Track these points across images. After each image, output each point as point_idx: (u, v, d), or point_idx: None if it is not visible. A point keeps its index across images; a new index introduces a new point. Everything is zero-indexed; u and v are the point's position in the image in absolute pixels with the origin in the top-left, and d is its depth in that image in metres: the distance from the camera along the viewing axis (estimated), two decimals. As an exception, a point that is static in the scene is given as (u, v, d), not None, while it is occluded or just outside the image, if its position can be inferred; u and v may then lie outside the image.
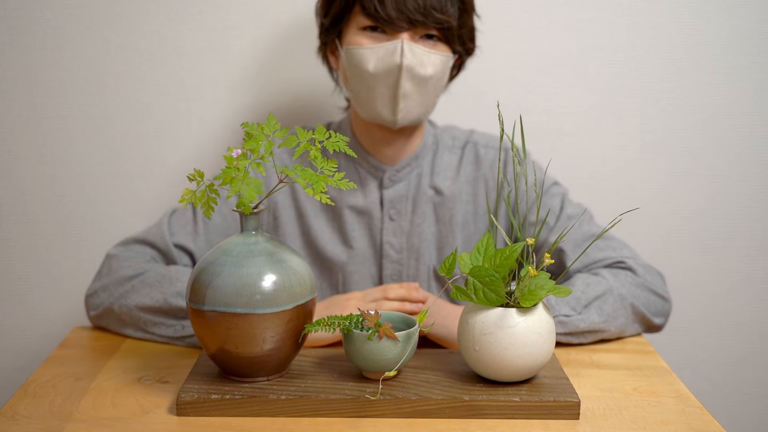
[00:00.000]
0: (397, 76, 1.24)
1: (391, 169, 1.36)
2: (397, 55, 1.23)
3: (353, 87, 1.30)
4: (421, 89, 1.26)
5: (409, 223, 1.37)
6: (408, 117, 1.28)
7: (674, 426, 0.99)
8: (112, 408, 1.01)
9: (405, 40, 1.23)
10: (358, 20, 1.26)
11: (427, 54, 1.25)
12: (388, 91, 1.25)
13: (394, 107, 1.26)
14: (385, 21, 1.23)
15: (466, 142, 1.41)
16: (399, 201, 1.36)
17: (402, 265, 1.37)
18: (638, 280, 1.26)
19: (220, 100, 1.57)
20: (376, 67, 1.24)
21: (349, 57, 1.27)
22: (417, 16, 1.22)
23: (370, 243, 1.37)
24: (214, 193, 0.98)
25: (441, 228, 1.38)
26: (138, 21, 1.53)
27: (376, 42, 1.25)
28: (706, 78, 1.60)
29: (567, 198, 1.37)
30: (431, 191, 1.37)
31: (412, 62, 1.23)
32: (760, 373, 1.73)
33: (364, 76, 1.26)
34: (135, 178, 1.59)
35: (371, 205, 1.36)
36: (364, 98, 1.28)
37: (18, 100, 1.55)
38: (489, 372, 1.01)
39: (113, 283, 1.23)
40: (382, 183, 1.36)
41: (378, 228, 1.36)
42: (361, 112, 1.31)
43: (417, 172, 1.37)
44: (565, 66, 1.59)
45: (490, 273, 0.98)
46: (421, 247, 1.37)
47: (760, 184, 1.65)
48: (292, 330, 1.00)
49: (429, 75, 1.26)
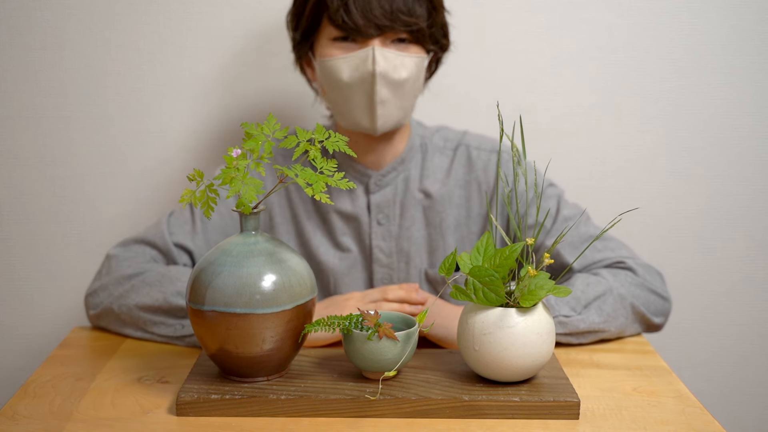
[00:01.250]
0: (371, 84, 1.23)
1: (377, 174, 1.36)
2: (369, 62, 1.22)
3: (330, 98, 1.30)
4: (397, 93, 1.26)
5: (397, 227, 1.37)
6: (388, 123, 1.28)
7: (674, 426, 0.99)
8: (112, 408, 1.01)
9: (376, 46, 1.23)
10: (328, 31, 1.26)
11: (400, 57, 1.24)
12: (365, 99, 1.25)
13: (372, 115, 1.26)
14: (353, 30, 1.22)
15: (459, 144, 1.40)
16: (386, 205, 1.36)
17: (392, 269, 1.37)
18: (638, 280, 1.26)
19: (220, 100, 1.57)
20: (350, 77, 1.24)
21: (323, 68, 1.27)
22: (384, 21, 1.22)
23: (359, 247, 1.37)
24: (213, 193, 0.98)
25: (431, 231, 1.38)
26: (138, 21, 1.53)
27: (348, 51, 1.25)
28: (706, 78, 1.60)
29: (563, 199, 1.37)
30: (420, 195, 1.37)
31: (385, 68, 1.23)
32: (760, 373, 1.73)
33: (339, 86, 1.26)
34: (135, 178, 1.59)
35: (359, 210, 1.36)
36: (342, 108, 1.28)
37: (18, 100, 1.55)
38: (489, 372, 1.01)
39: (113, 282, 1.23)
40: (368, 188, 1.36)
41: (367, 233, 1.36)
42: (341, 121, 1.31)
43: (404, 175, 1.37)
44: (565, 66, 1.59)
45: (490, 273, 0.98)
46: (411, 250, 1.37)
47: (760, 184, 1.65)
48: (292, 330, 1.00)
49: (404, 78, 1.25)
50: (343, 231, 1.37)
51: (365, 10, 1.21)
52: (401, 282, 1.38)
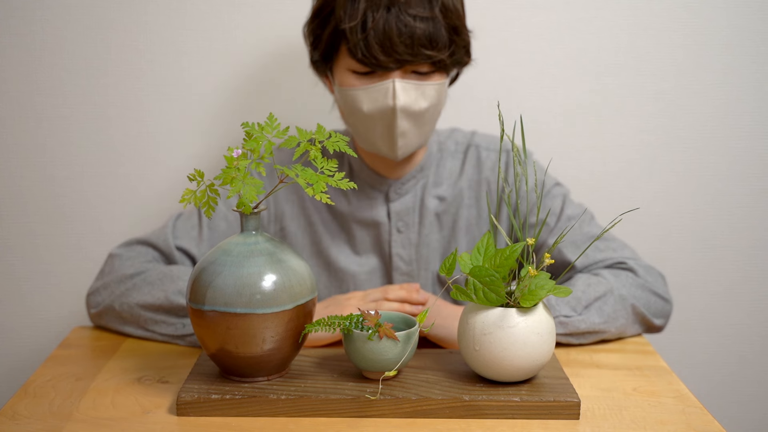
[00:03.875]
0: (392, 117, 1.21)
1: (397, 183, 1.35)
2: (390, 97, 1.20)
3: (350, 122, 1.28)
4: (418, 123, 1.24)
5: (417, 235, 1.36)
6: (408, 150, 1.27)
7: (674, 426, 0.99)
8: (112, 408, 1.01)
9: (396, 79, 1.20)
10: (347, 62, 1.22)
11: (421, 87, 1.22)
12: (385, 130, 1.23)
13: (393, 145, 1.24)
14: (374, 65, 1.19)
15: (468, 145, 1.40)
16: (406, 213, 1.36)
17: (412, 276, 1.37)
18: (639, 281, 1.26)
19: (220, 100, 1.57)
20: (369, 109, 1.22)
21: (342, 96, 1.25)
22: (406, 57, 1.18)
23: (379, 255, 1.37)
24: (214, 193, 0.98)
25: (445, 234, 1.38)
26: (138, 21, 1.53)
27: (367, 83, 1.21)
28: (706, 78, 1.60)
29: (568, 199, 1.37)
30: (435, 201, 1.37)
31: (405, 102, 1.20)
32: (760, 373, 1.73)
33: (359, 116, 1.24)
34: (135, 178, 1.59)
35: (378, 218, 1.35)
36: (362, 134, 1.27)
37: (18, 100, 1.55)
38: (489, 372, 1.01)
39: (114, 281, 1.23)
40: (388, 196, 1.36)
41: (386, 241, 1.36)
42: (361, 144, 1.30)
43: (423, 183, 1.37)
44: (565, 66, 1.59)
45: (490, 273, 0.98)
46: (429, 257, 1.37)
47: (760, 184, 1.65)
48: (292, 330, 1.00)
49: (425, 108, 1.23)
50: (362, 239, 1.36)
51: (385, 45, 1.17)
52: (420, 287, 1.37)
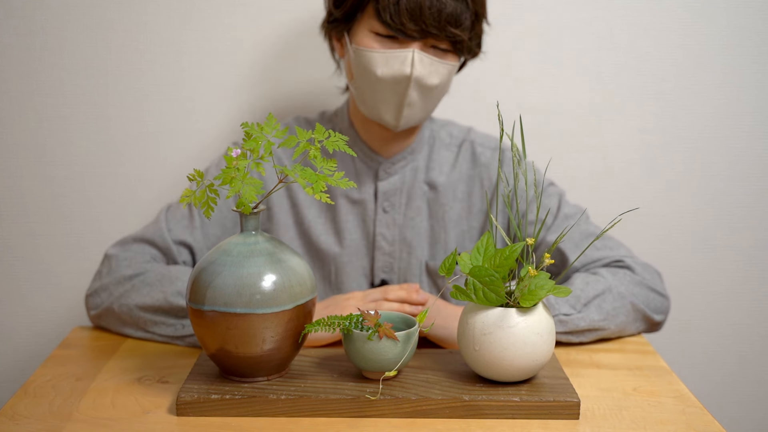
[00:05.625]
0: (405, 86, 1.23)
1: (387, 161, 1.36)
2: (408, 65, 1.22)
3: (358, 85, 1.29)
4: (426, 97, 1.27)
5: (402, 216, 1.37)
6: (410, 122, 1.29)
7: (674, 426, 0.99)
8: (112, 408, 1.01)
9: (416, 50, 1.22)
10: (371, 23, 1.24)
11: (435, 64, 1.24)
12: (394, 97, 1.25)
13: (397, 114, 1.26)
14: (399, 30, 1.21)
15: (464, 140, 1.41)
16: (393, 194, 1.37)
17: (394, 257, 1.37)
18: (637, 279, 1.26)
19: (220, 100, 1.57)
20: (384, 73, 1.23)
21: (357, 57, 1.26)
22: (432, 29, 1.21)
23: (363, 234, 1.38)
24: (213, 193, 0.98)
25: (434, 223, 1.38)
26: (138, 21, 1.53)
27: (387, 47, 1.23)
28: (707, 78, 1.60)
29: (564, 198, 1.37)
30: (425, 186, 1.38)
31: (421, 73, 1.23)
32: (760, 373, 1.73)
33: (371, 79, 1.25)
34: (135, 178, 1.59)
35: (365, 196, 1.36)
36: (368, 99, 1.28)
37: (18, 100, 1.55)
38: (489, 372, 1.01)
39: (113, 282, 1.23)
40: (377, 175, 1.36)
41: (371, 219, 1.37)
42: (363, 109, 1.31)
43: (412, 165, 1.38)
44: (565, 66, 1.59)
45: (490, 273, 0.98)
46: (413, 240, 1.38)
47: (760, 184, 1.65)
48: (292, 330, 1.00)
49: (435, 84, 1.25)
50: (347, 217, 1.37)
51: (414, 13, 1.19)
52: (401, 271, 1.38)
